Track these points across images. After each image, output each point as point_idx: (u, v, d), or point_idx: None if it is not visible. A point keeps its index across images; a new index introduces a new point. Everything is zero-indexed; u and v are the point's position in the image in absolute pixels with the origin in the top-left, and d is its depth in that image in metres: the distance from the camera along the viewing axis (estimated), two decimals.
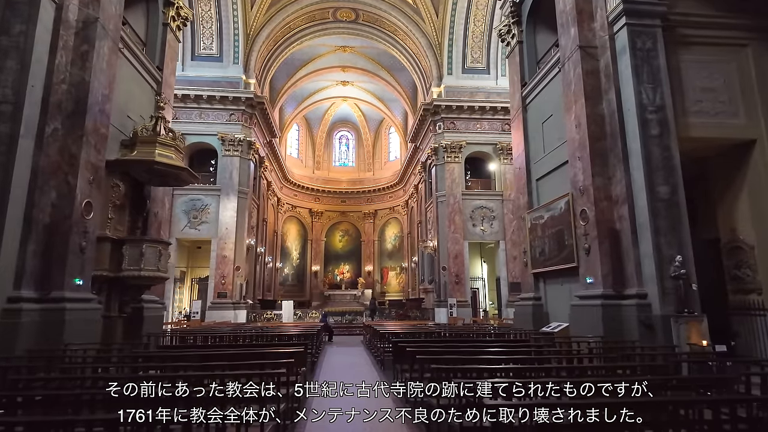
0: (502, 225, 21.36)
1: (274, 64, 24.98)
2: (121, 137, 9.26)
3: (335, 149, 38.42)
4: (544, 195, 10.78)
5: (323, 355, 11.47)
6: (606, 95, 8.68)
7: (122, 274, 8.48)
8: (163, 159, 8.85)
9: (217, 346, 6.13)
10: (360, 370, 8.76)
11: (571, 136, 9.17)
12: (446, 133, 21.80)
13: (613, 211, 8.35)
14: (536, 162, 11.25)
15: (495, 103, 21.81)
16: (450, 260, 20.75)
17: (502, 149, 21.78)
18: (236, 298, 20.06)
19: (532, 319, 10.52)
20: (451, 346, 5.89)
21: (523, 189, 11.57)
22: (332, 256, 35.92)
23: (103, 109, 8.22)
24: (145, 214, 9.95)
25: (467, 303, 20.52)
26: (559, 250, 9.63)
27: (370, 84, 31.47)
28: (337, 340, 16.97)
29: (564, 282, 9.81)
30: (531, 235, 10.93)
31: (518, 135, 11.97)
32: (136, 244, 8.66)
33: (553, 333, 9.35)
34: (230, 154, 20.81)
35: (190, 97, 20.68)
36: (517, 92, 12.15)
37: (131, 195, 9.70)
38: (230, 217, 20.30)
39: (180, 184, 10.10)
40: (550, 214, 10.03)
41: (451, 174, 21.44)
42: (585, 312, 8.36)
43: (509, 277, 20.92)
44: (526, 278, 11.32)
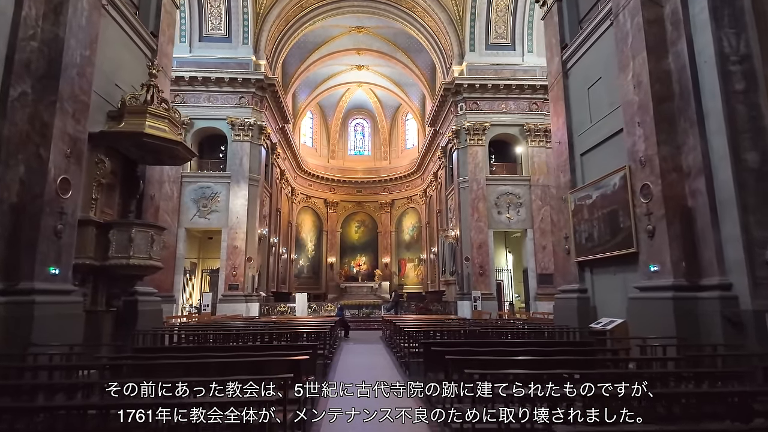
0: (529, 212, 19.89)
1: (286, 46, 23.79)
2: (108, 108, 8.18)
3: (350, 137, 37.19)
4: (591, 171, 9.37)
5: (339, 353, 10.33)
6: (673, 47, 7.23)
7: (108, 263, 7.43)
8: (153, 131, 7.75)
9: (209, 350, 4.98)
10: (381, 373, 7.54)
11: (628, 99, 7.75)
12: (468, 115, 20.34)
13: (685, 186, 6.93)
14: (580, 134, 9.82)
15: (522, 81, 20.25)
16: (473, 250, 19.40)
17: (530, 131, 20.25)
18: (248, 291, 19.10)
19: (577, 315, 9.17)
20: (496, 351, 4.64)
21: (565, 166, 10.16)
22: (348, 248, 34.85)
23: (82, 73, 7.12)
24: (138, 196, 8.89)
25: (492, 296, 19.16)
26: (611, 234, 8.24)
27: (386, 68, 30.07)
28: (353, 335, 15.85)
29: (617, 271, 8.44)
30: (575, 218, 9.55)
31: (558, 105, 10.54)
32: (125, 228, 7.59)
33: (606, 331, 8.01)
34: (240, 140, 19.75)
35: (197, 79, 19.66)
36: (555, 57, 10.70)
37: (122, 174, 8.64)
38: (241, 205, 19.29)
39: (176, 162, 9.00)
40: (600, 193, 8.63)
41: (474, 158, 20.01)
42: (648, 306, 7.00)
43: (538, 268, 19.51)
44: (568, 268, 9.95)
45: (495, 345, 5.42)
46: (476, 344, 5.27)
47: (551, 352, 4.64)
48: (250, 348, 4.85)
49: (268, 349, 4.70)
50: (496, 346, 4.94)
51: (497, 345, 5.41)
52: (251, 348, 4.85)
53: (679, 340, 6.15)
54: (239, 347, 5.17)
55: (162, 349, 5.06)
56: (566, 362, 4.11)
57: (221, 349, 4.76)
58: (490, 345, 5.29)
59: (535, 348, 4.80)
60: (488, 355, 4.33)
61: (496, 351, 4.49)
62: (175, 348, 5.38)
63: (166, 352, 4.67)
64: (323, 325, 9.64)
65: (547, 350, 4.71)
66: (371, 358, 9.73)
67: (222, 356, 4.26)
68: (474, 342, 6.04)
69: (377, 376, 7.27)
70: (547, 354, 4.47)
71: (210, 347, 5.05)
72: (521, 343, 6.24)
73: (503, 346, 5.12)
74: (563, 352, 4.84)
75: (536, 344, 5.38)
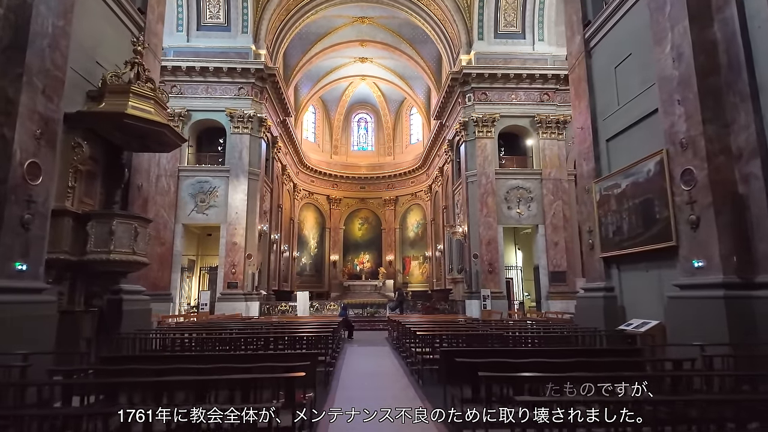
0: (540, 207, 19.06)
1: (287, 37, 23.00)
2: (88, 88, 7.41)
3: (353, 133, 36.41)
4: (619, 158, 8.55)
5: (342, 358, 9.54)
6: (720, 13, 6.39)
7: (87, 258, 6.67)
8: (136, 112, 6.97)
9: (190, 360, 4.18)
10: (391, 384, 6.71)
11: (666, 74, 6.93)
12: (477, 105, 19.50)
13: (735, 169, 6.11)
14: (606, 118, 8.99)
15: (532, 70, 19.39)
16: (482, 247, 18.59)
17: (541, 122, 19.41)
18: (248, 289, 18.36)
19: (603, 315, 8.35)
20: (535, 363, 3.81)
21: (588, 153, 9.33)
22: (351, 245, 34.09)
23: (55, 45, 6.36)
24: (123, 185, 8.12)
25: (502, 294, 18.36)
26: (645, 226, 7.43)
27: (390, 60, 29.26)
28: (357, 336, 15.07)
29: (650, 267, 7.62)
30: (600, 209, 8.73)
31: (579, 87, 9.71)
32: (105, 219, 6.83)
33: (637, 334, 7.20)
34: (240, 132, 18.99)
35: (195, 69, 18.91)
36: (576, 35, 9.86)
37: (105, 162, 7.88)
38: (240, 200, 18.54)
39: (165, 148, 8.22)
40: (630, 181, 7.81)
41: (482, 151, 19.19)
42: (692, 306, 6.19)
43: (550, 265, 18.70)
44: (592, 264, 9.13)
45: (527, 354, 4.56)
46: (505, 353, 4.46)
47: (599, 365, 3.82)
48: (239, 359, 4.08)
49: (259, 359, 3.94)
50: (529, 356, 4.13)
51: (530, 354, 4.54)
52: (240, 359, 4.08)
53: (733, 347, 5.34)
54: (227, 356, 4.39)
55: (133, 358, 4.29)
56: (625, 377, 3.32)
57: (204, 359, 4.00)
58: (520, 354, 4.47)
59: (582, 359, 3.97)
60: (527, 368, 3.53)
61: (536, 364, 3.69)
62: (149, 357, 4.60)
63: (138, 363, 3.91)
64: (325, 326, 8.88)
65: (595, 362, 3.89)
66: (378, 362, 8.90)
67: (203, 368, 3.49)
68: (501, 350, 5.13)
69: (386, 385, 6.49)
70: (596, 367, 3.67)
71: (192, 356, 4.31)
72: (558, 352, 5.20)
73: (538, 355, 4.29)
74: (618, 364, 3.99)
75: (573, 353, 4.53)
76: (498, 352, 4.75)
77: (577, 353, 4.54)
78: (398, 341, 10.43)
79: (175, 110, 18.66)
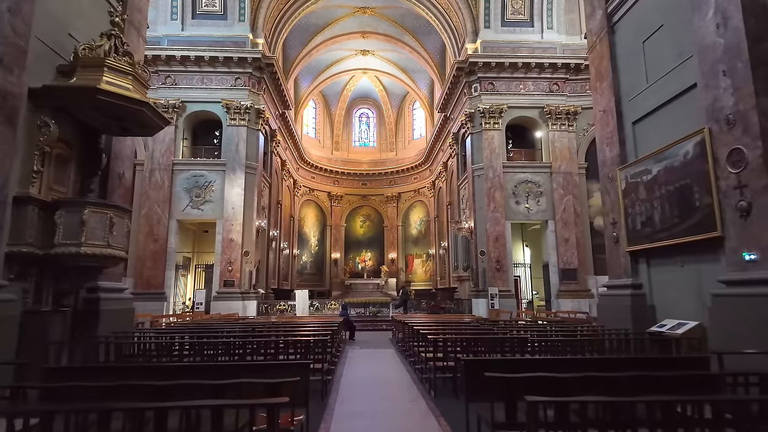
0: (550, 202, 18.25)
1: (286, 27, 22.20)
2: (59, 62, 6.64)
3: (355, 128, 35.62)
4: (648, 142, 7.75)
5: (343, 363, 8.76)
6: None
7: (54, 252, 5.90)
8: (110, 88, 6.19)
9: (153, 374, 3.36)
10: (399, 394, 5.89)
11: (707, 43, 6.13)
12: (484, 96, 18.69)
13: None
14: (632, 98, 8.19)
15: (542, 59, 18.56)
16: (489, 243, 17.80)
17: (550, 113, 18.60)
18: (245, 288, 17.61)
19: (630, 315, 7.56)
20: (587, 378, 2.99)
21: (611, 138, 8.53)
22: (353, 243, 33.32)
23: (16, 9, 5.59)
24: (99, 172, 7.35)
25: (510, 293, 17.56)
26: (681, 215, 6.63)
27: (392, 53, 28.47)
28: (360, 337, 14.31)
29: (687, 262, 6.82)
30: (626, 199, 7.93)
31: (601, 67, 8.90)
32: (75, 208, 6.05)
33: (673, 336, 6.42)
34: (236, 124, 18.22)
35: (190, 59, 18.14)
36: (598, 10, 9.05)
37: (80, 146, 7.11)
38: (237, 195, 17.78)
39: (146, 131, 7.43)
40: (663, 166, 7.01)
41: (490, 143, 18.38)
42: (743, 305, 5.39)
43: (560, 262, 17.90)
44: (616, 259, 8.33)
45: (570, 365, 3.69)
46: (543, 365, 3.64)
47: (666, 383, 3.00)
48: (214, 372, 3.27)
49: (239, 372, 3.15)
50: (574, 368, 3.34)
51: (574, 366, 3.63)
52: (215, 372, 3.26)
53: None
54: (200, 368, 3.62)
55: (81, 370, 3.52)
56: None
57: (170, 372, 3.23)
58: (562, 365, 3.62)
59: (644, 372, 3.16)
60: (578, 386, 2.75)
61: (588, 381, 2.89)
62: (100, 369, 3.75)
63: (84, 378, 3.13)
64: (324, 328, 8.09)
65: (661, 377, 3.07)
66: (382, 368, 8.07)
67: (165, 386, 2.72)
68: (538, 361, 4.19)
69: (393, 395, 5.68)
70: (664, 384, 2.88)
71: (157, 367, 3.55)
72: (608, 363, 4.02)
73: (584, 367, 3.45)
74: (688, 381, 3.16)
75: (628, 363, 3.65)
76: (534, 362, 3.93)
77: (633, 364, 3.72)
78: (404, 343, 9.65)
79: (169, 101, 17.96)
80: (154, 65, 18.12)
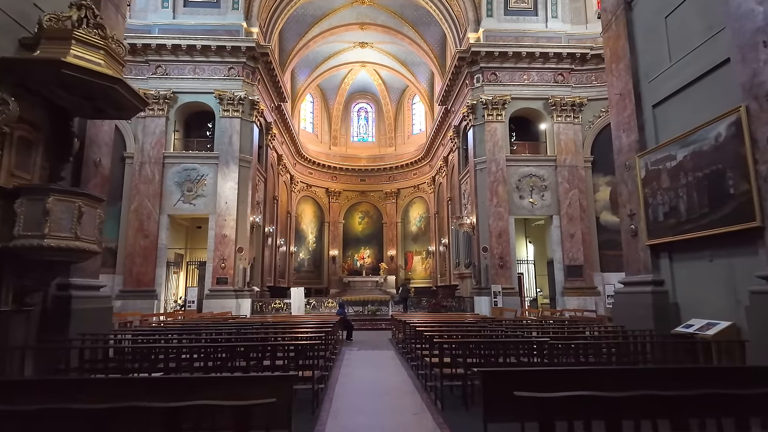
0: (555, 196, 17.63)
1: (282, 17, 21.51)
2: (22, 34, 5.98)
3: (353, 123, 34.94)
4: (671, 125, 7.12)
5: (338, 366, 8.13)
6: None
7: (14, 244, 5.26)
8: (78, 62, 5.53)
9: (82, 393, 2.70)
10: (401, 405, 5.17)
11: (743, 11, 5.50)
12: (486, 87, 18.04)
13: None
14: (652, 80, 7.56)
15: (546, 49, 17.92)
16: (492, 239, 17.19)
17: (555, 105, 17.96)
18: (239, 285, 16.97)
19: (652, 314, 6.95)
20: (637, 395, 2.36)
21: (629, 123, 7.89)
22: (351, 240, 32.68)
23: None
24: (71, 158, 6.69)
25: (514, 290, 16.95)
26: (712, 204, 6.01)
27: (391, 45, 27.77)
28: (358, 337, 13.69)
29: (717, 255, 6.20)
30: (647, 188, 7.31)
31: (618, 47, 8.26)
32: (37, 196, 5.39)
33: (703, 338, 5.81)
34: (230, 115, 17.55)
35: (181, 48, 17.44)
36: None
37: (49, 129, 6.44)
38: (230, 188, 17.12)
39: (122, 113, 6.77)
40: (690, 150, 6.38)
41: (492, 135, 17.74)
42: None
43: (565, 259, 17.30)
44: (635, 254, 7.71)
45: (619, 379, 2.98)
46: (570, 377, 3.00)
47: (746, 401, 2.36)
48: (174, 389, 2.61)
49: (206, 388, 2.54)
50: (625, 383, 2.69)
51: (626, 380, 2.89)
52: (175, 389, 2.61)
53: None
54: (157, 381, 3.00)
55: (10, 385, 2.89)
56: None
57: (115, 388, 2.62)
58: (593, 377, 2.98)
59: (711, 389, 2.51)
60: (632, 407, 2.14)
61: (645, 400, 2.26)
62: (28, 384, 3.05)
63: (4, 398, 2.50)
64: (318, 328, 7.46)
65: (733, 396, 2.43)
66: (382, 373, 7.36)
67: (106, 410, 2.10)
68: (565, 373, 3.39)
69: (394, 408, 5.00)
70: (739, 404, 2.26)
71: (98, 382, 2.95)
72: (666, 375, 3.28)
73: (639, 381, 2.76)
74: None
75: (689, 375, 2.98)
76: (566, 375, 3.24)
77: (691, 376, 3.05)
78: (405, 344, 9.03)
79: (160, 92, 17.29)
80: (144, 54, 17.46)
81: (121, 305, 15.81)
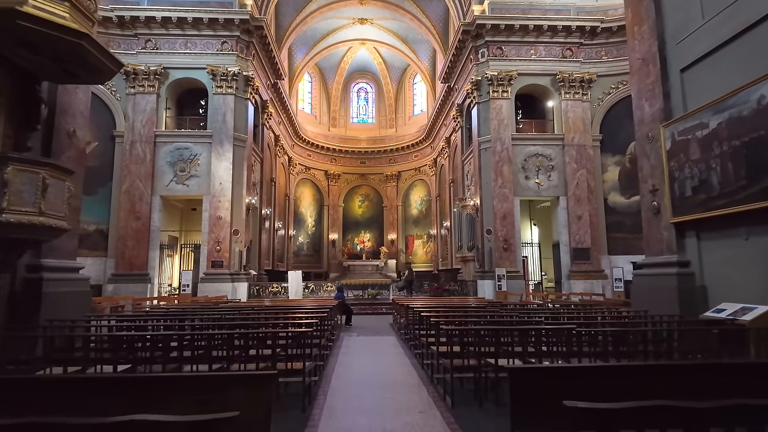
0: (562, 177, 16.99)
1: None
2: None
3: (353, 103, 34.05)
4: (701, 91, 6.44)
5: (336, 354, 7.61)
6: None
7: None
8: (37, 12, 4.86)
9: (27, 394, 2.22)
10: (406, 400, 4.60)
11: None
12: (492, 62, 17.24)
13: None
14: (680, 41, 6.86)
15: (555, 22, 17.06)
16: (496, 221, 16.61)
17: (563, 81, 17.19)
18: (235, 268, 16.46)
19: (677, 298, 6.38)
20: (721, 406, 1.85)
21: (653, 90, 7.21)
22: (351, 224, 32.12)
23: None
24: (39, 126, 6.05)
25: (519, 274, 16.44)
26: (750, 176, 5.39)
27: (392, 21, 26.76)
28: (357, 322, 13.21)
29: (752, 233, 5.61)
30: (673, 161, 6.67)
31: (641, 6, 7.52)
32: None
33: (739, 324, 5.25)
34: (223, 92, 16.80)
35: (171, 20, 16.60)
36: None
37: (14, 94, 5.80)
38: (225, 169, 16.48)
39: (95, 77, 6.10)
40: (727, 117, 5.73)
41: (497, 113, 17.01)
42: None
43: (572, 241, 16.75)
44: (657, 233, 7.11)
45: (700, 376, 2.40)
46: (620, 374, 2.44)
47: None
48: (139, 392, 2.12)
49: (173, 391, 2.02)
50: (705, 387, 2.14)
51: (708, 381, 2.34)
52: (123, 392, 2.11)
53: None
54: (110, 380, 2.48)
55: None
56: None
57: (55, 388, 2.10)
58: (682, 380, 2.37)
59: None
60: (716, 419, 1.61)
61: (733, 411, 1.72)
62: None
63: None
64: (314, 313, 6.92)
65: None
66: (383, 362, 6.80)
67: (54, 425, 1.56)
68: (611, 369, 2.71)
69: (397, 404, 4.42)
70: None
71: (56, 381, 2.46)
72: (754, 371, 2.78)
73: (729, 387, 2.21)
74: None
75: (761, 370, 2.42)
76: (612, 372, 2.63)
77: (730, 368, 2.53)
78: (407, 330, 8.51)
79: (150, 67, 16.52)
80: (133, 27, 16.63)
81: (114, 289, 15.34)
